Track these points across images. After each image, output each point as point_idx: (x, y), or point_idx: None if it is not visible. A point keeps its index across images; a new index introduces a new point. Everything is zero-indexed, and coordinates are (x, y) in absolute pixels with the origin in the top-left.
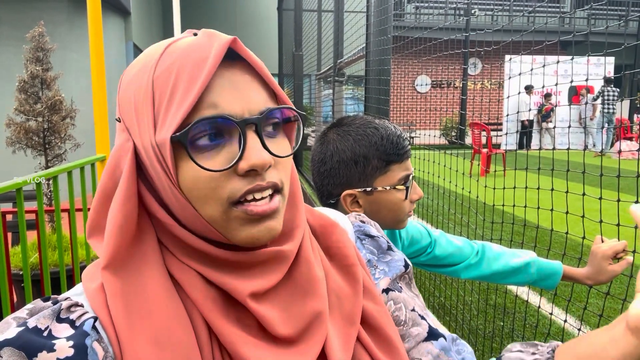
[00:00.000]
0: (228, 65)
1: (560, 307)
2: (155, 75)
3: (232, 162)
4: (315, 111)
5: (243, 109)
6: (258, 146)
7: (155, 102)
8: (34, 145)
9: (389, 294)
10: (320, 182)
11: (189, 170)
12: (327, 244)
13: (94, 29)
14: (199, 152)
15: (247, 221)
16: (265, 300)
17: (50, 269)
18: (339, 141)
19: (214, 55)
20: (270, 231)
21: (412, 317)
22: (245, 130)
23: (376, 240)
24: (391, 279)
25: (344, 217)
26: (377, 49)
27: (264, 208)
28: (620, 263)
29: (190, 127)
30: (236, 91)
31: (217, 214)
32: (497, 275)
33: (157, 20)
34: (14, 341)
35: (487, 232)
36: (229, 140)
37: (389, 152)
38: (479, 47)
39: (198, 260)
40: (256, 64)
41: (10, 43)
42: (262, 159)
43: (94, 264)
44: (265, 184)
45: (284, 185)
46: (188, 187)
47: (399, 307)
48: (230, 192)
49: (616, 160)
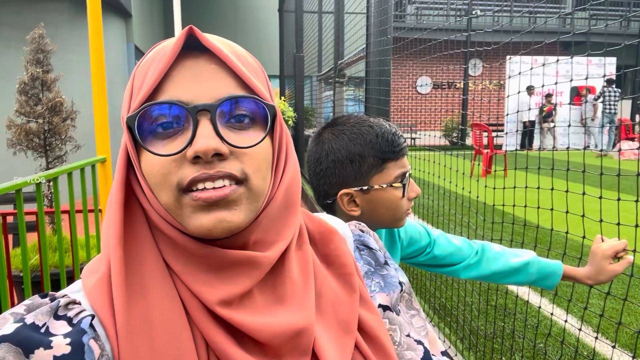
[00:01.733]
0: (194, 56)
1: (561, 307)
2: (137, 69)
3: (181, 148)
4: (317, 112)
5: (200, 97)
6: (208, 133)
7: (133, 92)
8: (34, 147)
9: (385, 312)
10: (317, 182)
11: (146, 155)
12: (326, 252)
13: (94, 31)
14: (156, 138)
15: (196, 209)
16: (240, 307)
17: (51, 270)
18: (334, 140)
19: (172, 46)
20: (222, 222)
21: (407, 342)
22: (197, 117)
23: (374, 252)
24: (388, 296)
25: (344, 225)
26: (378, 50)
27: (209, 194)
28: (621, 262)
29: (139, 112)
30: (196, 80)
31: (171, 201)
32: (496, 275)
33: (158, 22)
34: (12, 337)
35: (487, 233)
36: (187, 128)
37: (384, 150)
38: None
39: (174, 255)
40: (219, 52)
41: (11, 45)
42: (206, 145)
43: (95, 259)
44: (212, 172)
45: (247, 177)
46: (146, 173)
47: (394, 328)
48: (179, 179)
49: (617, 161)
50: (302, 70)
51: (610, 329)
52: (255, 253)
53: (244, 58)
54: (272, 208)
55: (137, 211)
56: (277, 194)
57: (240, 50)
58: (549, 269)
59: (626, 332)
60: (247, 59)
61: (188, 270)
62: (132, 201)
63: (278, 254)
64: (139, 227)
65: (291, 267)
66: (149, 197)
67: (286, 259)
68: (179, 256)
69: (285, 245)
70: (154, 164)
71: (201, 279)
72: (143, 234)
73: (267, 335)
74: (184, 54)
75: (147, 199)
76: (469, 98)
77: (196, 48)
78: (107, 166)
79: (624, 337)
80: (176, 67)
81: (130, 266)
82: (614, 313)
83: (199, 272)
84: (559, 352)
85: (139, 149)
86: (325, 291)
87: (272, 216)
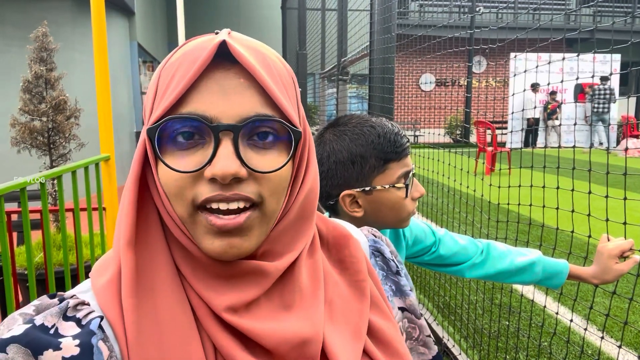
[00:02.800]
0: (224, 67)
1: (566, 306)
2: (163, 68)
3: (199, 166)
4: (320, 110)
5: (225, 114)
6: (229, 155)
7: (157, 93)
8: (38, 145)
9: (404, 312)
10: (320, 184)
11: (162, 165)
12: (340, 257)
13: (97, 29)
14: (175, 147)
15: (210, 231)
16: (247, 314)
17: (55, 268)
18: (335, 141)
19: (203, 56)
20: (233, 248)
21: (426, 341)
22: (220, 136)
23: (388, 262)
24: (402, 299)
25: (358, 230)
26: (381, 47)
27: (225, 222)
28: (627, 262)
29: (160, 123)
30: (222, 95)
31: (185, 215)
32: (502, 275)
33: (161, 20)
34: (21, 338)
35: (492, 231)
36: (209, 143)
37: (386, 151)
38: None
39: (184, 259)
40: (251, 68)
41: (15, 43)
42: (225, 169)
43: (104, 257)
44: (228, 195)
45: (264, 201)
46: (163, 182)
47: (413, 327)
48: (194, 195)
49: (621, 159)
50: (305, 68)
51: (615, 327)
52: (264, 263)
53: (275, 70)
54: (285, 222)
55: (151, 209)
56: (292, 208)
57: (271, 59)
58: (554, 269)
59: (631, 331)
60: (278, 71)
61: (197, 275)
62: (147, 198)
63: (287, 264)
64: (152, 227)
65: (300, 276)
66: (164, 202)
67: (296, 268)
68: (189, 261)
69: (295, 256)
70: (170, 176)
71: (210, 285)
72: (156, 235)
73: (273, 341)
74: (212, 63)
75: (161, 201)
76: (473, 96)
77: (226, 57)
78: (111, 164)
79: (628, 336)
80: (203, 77)
81: (141, 268)
82: (618, 311)
83: (208, 278)
84: (563, 351)
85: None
86: (336, 298)
87: (285, 229)
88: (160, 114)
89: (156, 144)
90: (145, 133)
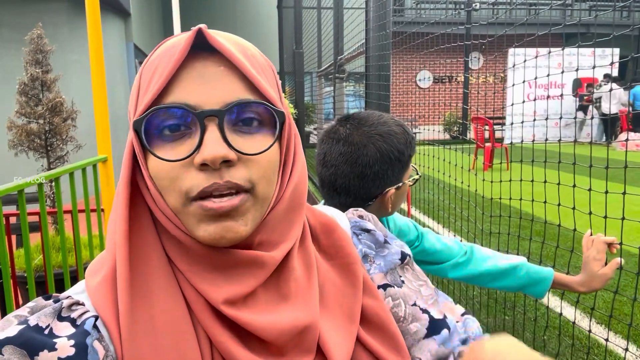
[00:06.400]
0: (203, 57)
1: (568, 300)
2: (144, 67)
3: (188, 154)
4: (317, 108)
5: (207, 101)
6: (216, 140)
7: (140, 90)
8: (35, 148)
9: (386, 289)
10: (361, 186)
11: (153, 158)
12: (329, 243)
13: (93, 30)
14: (163, 140)
15: (204, 217)
16: (245, 307)
17: (54, 270)
18: (383, 141)
19: (182, 46)
20: (229, 232)
21: (412, 312)
22: (205, 122)
23: (372, 234)
24: (385, 274)
25: (341, 214)
26: (377, 45)
27: (220, 204)
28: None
29: (146, 115)
30: (204, 83)
31: (179, 206)
32: (485, 277)
33: (157, 20)
34: (15, 339)
35: (486, 226)
36: (195, 131)
37: (413, 147)
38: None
39: (180, 254)
40: (229, 54)
41: (10, 45)
42: (214, 152)
43: (98, 257)
44: (222, 183)
45: (254, 186)
46: (154, 175)
47: (398, 303)
48: (188, 187)
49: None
50: (301, 67)
51: (616, 323)
52: (260, 253)
53: (254, 59)
54: (278, 210)
55: (142, 209)
56: (284, 196)
57: (250, 51)
58: (539, 275)
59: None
60: (257, 60)
61: (193, 269)
62: (138, 199)
63: (283, 254)
64: (144, 226)
65: (295, 266)
66: (155, 198)
67: (290, 258)
68: (185, 255)
69: (291, 245)
70: (161, 167)
71: (206, 278)
72: (148, 233)
73: (272, 333)
74: (192, 55)
75: (152, 199)
76: (470, 91)
77: (205, 48)
78: (108, 165)
79: (631, 332)
80: (184, 68)
81: (135, 266)
82: (621, 306)
83: (205, 272)
84: (562, 345)
85: (145, 151)
86: (328, 285)
87: (278, 218)
88: (144, 108)
89: (144, 137)
90: (132, 127)
